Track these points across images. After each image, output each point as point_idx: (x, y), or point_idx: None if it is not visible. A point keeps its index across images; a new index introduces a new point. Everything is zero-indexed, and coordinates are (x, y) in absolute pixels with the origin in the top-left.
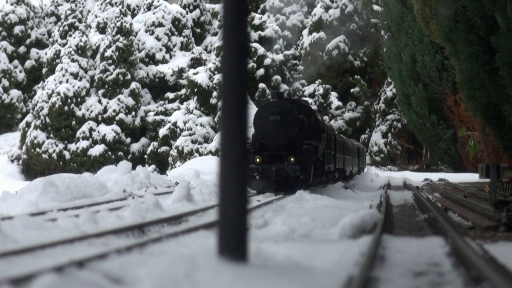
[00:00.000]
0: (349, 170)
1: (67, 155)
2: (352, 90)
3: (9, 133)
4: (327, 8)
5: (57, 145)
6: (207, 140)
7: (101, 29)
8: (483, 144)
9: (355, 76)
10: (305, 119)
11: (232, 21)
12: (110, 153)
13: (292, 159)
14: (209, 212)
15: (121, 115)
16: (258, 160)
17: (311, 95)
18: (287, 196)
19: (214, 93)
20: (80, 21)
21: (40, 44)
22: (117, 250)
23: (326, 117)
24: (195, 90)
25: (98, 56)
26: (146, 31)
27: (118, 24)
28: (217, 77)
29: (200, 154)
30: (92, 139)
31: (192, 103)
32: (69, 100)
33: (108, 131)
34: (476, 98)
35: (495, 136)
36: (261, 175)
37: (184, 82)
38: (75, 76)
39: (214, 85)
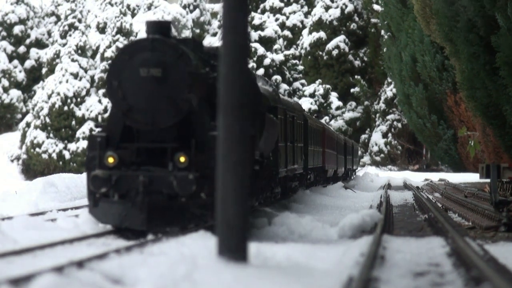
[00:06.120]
0: (332, 170)
1: (67, 155)
2: (352, 90)
3: (9, 133)
4: (327, 8)
5: (57, 145)
6: None
7: (101, 29)
8: (483, 144)
9: (355, 76)
10: None
11: (232, 22)
12: None
13: (182, 159)
14: None
15: None
16: (112, 160)
17: (311, 95)
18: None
19: None
20: (80, 21)
21: (40, 44)
22: (117, 250)
23: (326, 117)
24: None
25: (98, 56)
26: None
27: (118, 24)
28: None
29: None
30: None
31: None
32: (69, 100)
33: None
34: (477, 98)
35: (496, 136)
36: (118, 192)
37: None
38: (75, 76)
39: None
